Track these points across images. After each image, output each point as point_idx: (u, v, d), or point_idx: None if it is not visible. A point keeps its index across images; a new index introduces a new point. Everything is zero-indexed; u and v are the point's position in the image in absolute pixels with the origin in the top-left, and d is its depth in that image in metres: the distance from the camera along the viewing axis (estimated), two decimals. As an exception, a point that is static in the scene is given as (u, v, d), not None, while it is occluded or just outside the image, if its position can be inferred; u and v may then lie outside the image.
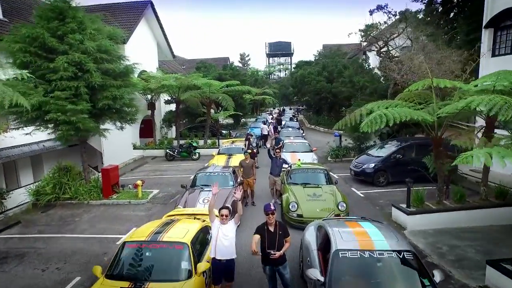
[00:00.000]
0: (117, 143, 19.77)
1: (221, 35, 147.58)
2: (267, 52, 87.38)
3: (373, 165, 12.86)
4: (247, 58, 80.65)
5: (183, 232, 5.46)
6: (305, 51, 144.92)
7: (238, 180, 11.08)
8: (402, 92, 17.19)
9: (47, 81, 9.98)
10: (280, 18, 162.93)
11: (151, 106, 21.62)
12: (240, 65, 72.36)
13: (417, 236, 8.20)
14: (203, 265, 5.01)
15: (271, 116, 34.20)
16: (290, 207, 8.75)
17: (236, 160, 14.59)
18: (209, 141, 21.91)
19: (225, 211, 5.30)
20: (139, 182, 12.02)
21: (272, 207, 5.23)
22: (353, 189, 12.66)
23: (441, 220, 8.61)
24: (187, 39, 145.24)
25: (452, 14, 23.00)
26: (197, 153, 19.21)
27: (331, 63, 32.05)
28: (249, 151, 16.19)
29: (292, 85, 40.95)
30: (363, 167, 13.06)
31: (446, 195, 9.42)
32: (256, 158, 16.98)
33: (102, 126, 11.93)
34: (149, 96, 21.28)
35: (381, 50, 17.14)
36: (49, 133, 11.75)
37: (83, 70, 10.28)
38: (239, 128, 34.14)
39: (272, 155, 11.15)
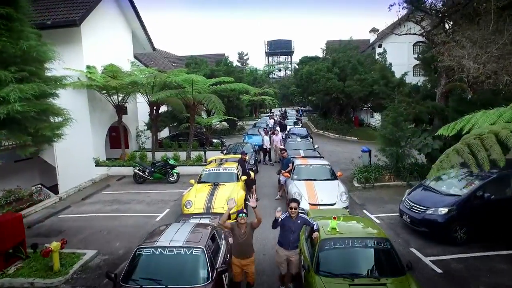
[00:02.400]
0: (75, 158, 15.11)
1: (220, 34, 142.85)
2: (266, 51, 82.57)
3: (445, 210, 7.81)
4: (245, 57, 75.55)
5: None
6: (306, 50, 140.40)
7: (222, 253, 6.02)
8: (461, 90, 12.36)
9: None
10: (279, 17, 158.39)
11: (119, 109, 16.62)
12: (239, 64, 67.25)
13: None
14: None
15: (272, 120, 28.57)
16: None
17: (225, 195, 9.52)
18: (193, 155, 16.86)
19: None
20: (54, 244, 6.98)
21: None
22: (413, 251, 7.65)
23: None
24: (186, 39, 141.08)
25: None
26: (175, 174, 14.17)
27: (344, 57, 27.06)
28: (245, 177, 11.24)
29: (296, 83, 35.67)
30: (429, 212, 7.99)
31: None
32: (254, 187, 11.96)
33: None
34: (115, 97, 16.26)
35: (431, 32, 12.11)
36: None
37: None
38: (235, 133, 29.02)
39: (283, 214, 5.83)
